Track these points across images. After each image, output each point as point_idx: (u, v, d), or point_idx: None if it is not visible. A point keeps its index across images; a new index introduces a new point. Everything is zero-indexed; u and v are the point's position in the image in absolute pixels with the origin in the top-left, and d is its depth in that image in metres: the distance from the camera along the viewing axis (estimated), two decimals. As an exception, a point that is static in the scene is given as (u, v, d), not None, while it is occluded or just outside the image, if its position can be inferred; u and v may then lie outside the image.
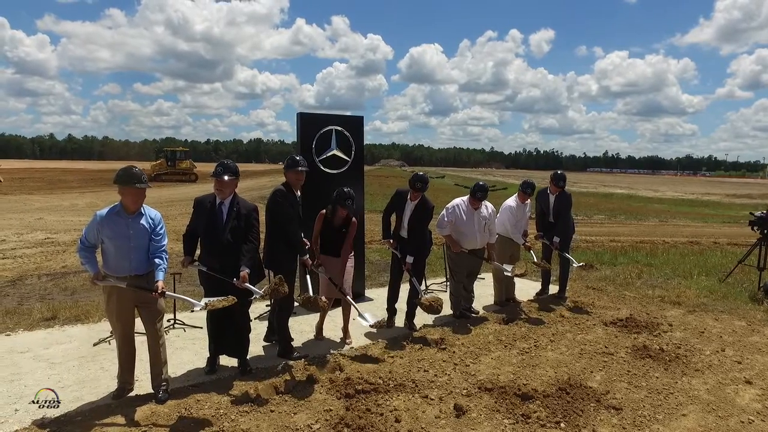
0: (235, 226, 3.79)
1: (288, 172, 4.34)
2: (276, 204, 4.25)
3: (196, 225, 3.88)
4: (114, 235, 3.36)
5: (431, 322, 5.41)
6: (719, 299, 6.71)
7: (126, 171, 3.39)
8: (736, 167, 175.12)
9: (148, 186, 3.45)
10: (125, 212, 3.40)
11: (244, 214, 3.83)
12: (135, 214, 3.43)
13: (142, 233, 3.44)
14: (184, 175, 36.47)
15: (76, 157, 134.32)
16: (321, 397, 3.65)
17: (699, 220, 19.04)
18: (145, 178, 3.43)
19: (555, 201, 6.38)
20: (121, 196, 3.39)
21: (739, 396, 3.85)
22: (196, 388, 3.72)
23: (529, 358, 4.50)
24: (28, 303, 6.03)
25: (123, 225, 3.38)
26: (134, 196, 3.37)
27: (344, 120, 6.10)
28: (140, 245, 3.44)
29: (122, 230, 3.38)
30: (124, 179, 3.34)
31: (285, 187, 4.31)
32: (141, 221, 3.44)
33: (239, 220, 3.81)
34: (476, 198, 5.42)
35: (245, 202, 3.92)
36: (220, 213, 3.80)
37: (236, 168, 3.86)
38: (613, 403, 3.65)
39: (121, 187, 3.36)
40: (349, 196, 4.50)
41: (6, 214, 15.25)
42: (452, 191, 29.29)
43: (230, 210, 3.81)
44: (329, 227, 4.64)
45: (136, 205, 3.41)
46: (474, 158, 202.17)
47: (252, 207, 3.93)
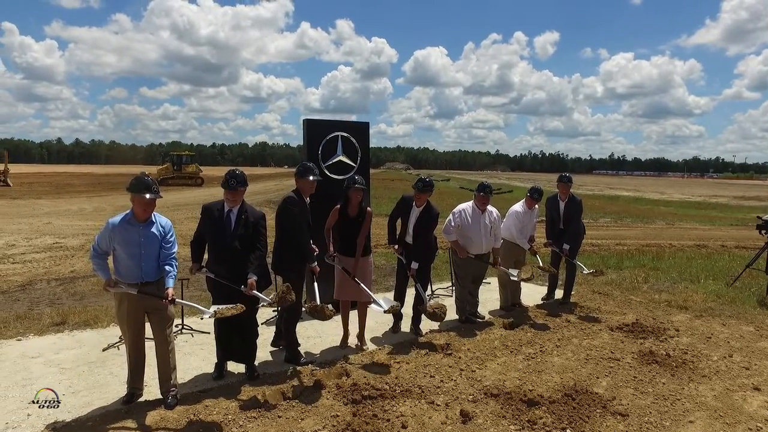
0: (242, 234, 3.84)
1: (300, 180, 4.35)
2: (286, 211, 4.28)
3: (203, 232, 3.94)
4: (125, 242, 3.42)
5: (437, 327, 5.43)
6: (727, 304, 6.67)
7: (138, 179, 3.44)
8: (744, 169, 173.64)
9: (159, 196, 3.47)
10: (136, 220, 3.45)
11: (252, 222, 3.88)
12: (146, 222, 3.48)
13: (152, 241, 3.48)
14: (190, 179, 36.68)
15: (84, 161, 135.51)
16: (328, 402, 3.68)
17: (706, 222, 18.93)
18: (155, 189, 3.46)
19: (565, 208, 6.37)
20: (132, 204, 3.45)
21: (747, 403, 3.83)
22: (205, 394, 3.76)
23: (535, 364, 4.50)
24: (38, 308, 6.10)
25: (134, 233, 3.43)
26: (144, 205, 3.41)
27: (350, 126, 6.14)
28: (151, 253, 3.49)
29: (133, 238, 3.43)
30: (135, 188, 3.39)
31: (296, 195, 4.32)
32: (152, 229, 3.49)
33: (247, 227, 3.86)
34: (482, 195, 5.41)
35: (253, 209, 3.97)
36: (228, 221, 3.85)
37: (245, 178, 3.92)
38: (620, 409, 3.65)
39: (132, 195, 3.41)
40: (359, 180, 4.57)
41: (15, 219, 15.42)
42: (457, 194, 29.29)
43: (238, 218, 3.85)
44: (345, 220, 4.67)
45: (146, 213, 3.45)
46: (479, 161, 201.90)
47: (260, 215, 3.98)
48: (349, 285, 4.65)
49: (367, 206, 4.80)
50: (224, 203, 3.88)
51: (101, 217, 16.45)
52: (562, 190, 6.35)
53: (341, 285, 4.78)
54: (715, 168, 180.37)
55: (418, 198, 5.03)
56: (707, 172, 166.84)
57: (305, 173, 4.33)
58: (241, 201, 3.92)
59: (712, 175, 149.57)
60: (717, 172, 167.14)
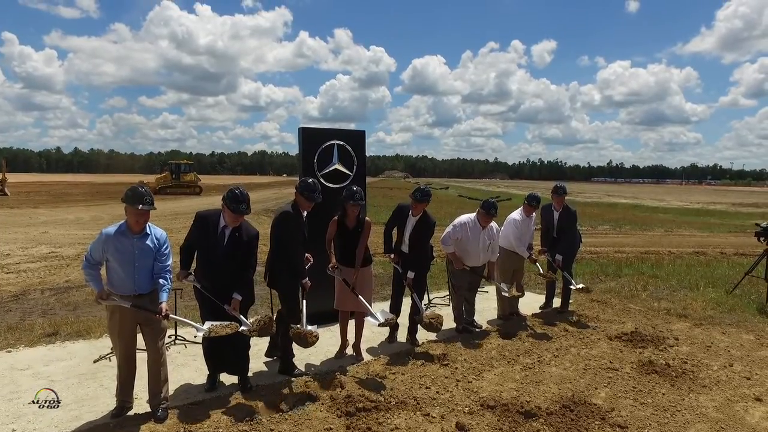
0: (233, 253, 3.75)
1: (300, 196, 4.25)
2: (282, 224, 4.19)
3: (194, 240, 3.85)
4: (118, 253, 3.35)
5: (434, 337, 5.36)
6: (726, 312, 6.61)
7: (132, 190, 3.36)
8: (742, 176, 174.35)
9: (153, 208, 3.38)
10: (130, 232, 3.39)
11: (245, 241, 3.79)
12: (140, 233, 3.41)
13: (146, 253, 3.42)
14: (188, 188, 36.68)
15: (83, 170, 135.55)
16: (322, 415, 3.61)
17: (705, 229, 18.89)
18: (149, 200, 3.36)
19: (559, 218, 6.35)
20: (126, 215, 3.39)
21: (748, 414, 3.77)
22: (196, 406, 3.69)
23: (532, 374, 4.44)
24: (30, 318, 6.03)
25: (128, 244, 3.37)
26: (137, 216, 3.34)
27: (346, 134, 6.10)
28: (144, 265, 3.43)
29: (127, 249, 3.37)
30: (128, 199, 3.32)
31: (293, 209, 4.23)
32: (146, 241, 3.42)
33: (239, 246, 3.77)
34: (489, 215, 5.33)
35: (248, 227, 3.86)
36: (221, 237, 3.76)
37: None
38: (618, 420, 3.58)
39: (126, 206, 3.35)
40: (357, 194, 4.49)
41: (12, 228, 15.33)
42: (456, 203, 29.27)
43: (232, 235, 3.76)
44: (343, 231, 4.62)
45: (139, 225, 3.38)
46: (478, 169, 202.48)
47: (254, 234, 3.88)
48: (349, 295, 4.60)
49: (365, 217, 4.74)
50: (221, 217, 3.77)
51: (98, 226, 16.39)
52: (557, 201, 6.33)
53: (341, 295, 4.73)
54: (712, 175, 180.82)
55: (415, 207, 4.99)
56: (705, 179, 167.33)
57: (307, 191, 4.20)
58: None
59: (710, 182, 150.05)
60: (715, 179, 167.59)
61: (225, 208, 3.73)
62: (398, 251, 5.12)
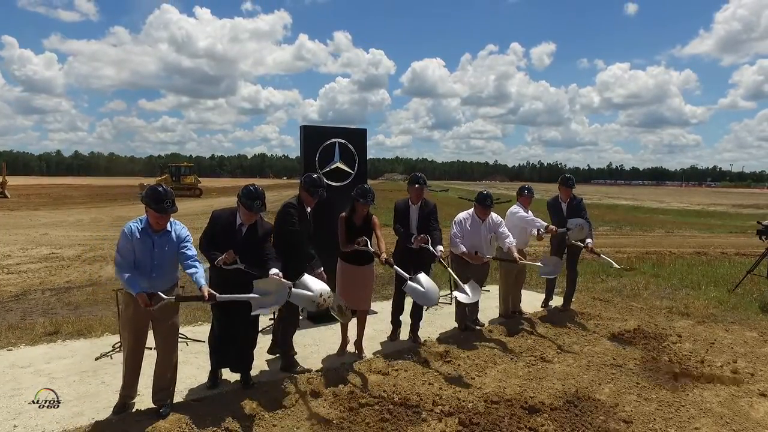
0: (248, 250, 3.72)
1: (304, 192, 4.26)
2: (286, 215, 4.18)
3: (212, 238, 3.80)
4: (138, 250, 3.34)
5: (436, 335, 5.35)
6: (729, 310, 6.60)
7: (153, 190, 3.38)
8: (742, 177, 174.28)
9: (173, 210, 3.37)
10: (151, 229, 3.38)
11: (260, 236, 3.83)
12: (161, 231, 3.41)
13: (165, 252, 3.41)
14: (188, 190, 36.66)
15: (83, 173, 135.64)
16: (324, 411, 3.59)
17: (706, 230, 18.88)
18: (168, 203, 3.34)
19: (567, 208, 6.28)
20: (147, 214, 3.38)
21: (753, 409, 3.76)
22: (198, 403, 3.67)
23: (535, 371, 4.42)
24: (31, 318, 6.01)
25: (148, 242, 3.37)
26: (157, 217, 3.35)
27: (347, 132, 6.10)
28: (162, 264, 3.41)
29: (147, 247, 3.36)
30: (147, 200, 3.33)
31: (297, 201, 4.25)
32: (167, 239, 3.42)
33: (256, 242, 3.79)
34: (485, 206, 5.32)
35: (263, 223, 3.90)
36: (239, 232, 3.78)
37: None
38: (623, 416, 3.57)
39: (146, 206, 3.35)
40: (369, 194, 4.52)
41: (12, 230, 15.33)
42: (456, 204, 29.25)
43: (248, 231, 3.79)
44: (352, 228, 4.61)
45: (159, 225, 3.38)
46: (478, 171, 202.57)
47: (269, 229, 3.95)
48: (350, 293, 4.58)
49: (372, 215, 4.74)
50: (237, 215, 3.79)
51: (98, 228, 16.38)
52: (565, 192, 6.27)
53: (343, 293, 4.70)
54: (712, 177, 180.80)
55: (413, 193, 5.00)
56: (705, 180, 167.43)
57: (311, 186, 4.22)
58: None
59: (710, 184, 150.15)
60: (715, 180, 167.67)
61: (240, 206, 3.74)
62: (404, 251, 5.04)
